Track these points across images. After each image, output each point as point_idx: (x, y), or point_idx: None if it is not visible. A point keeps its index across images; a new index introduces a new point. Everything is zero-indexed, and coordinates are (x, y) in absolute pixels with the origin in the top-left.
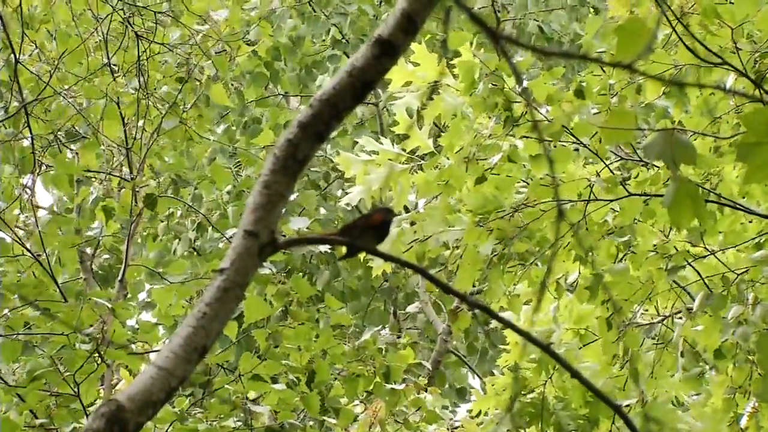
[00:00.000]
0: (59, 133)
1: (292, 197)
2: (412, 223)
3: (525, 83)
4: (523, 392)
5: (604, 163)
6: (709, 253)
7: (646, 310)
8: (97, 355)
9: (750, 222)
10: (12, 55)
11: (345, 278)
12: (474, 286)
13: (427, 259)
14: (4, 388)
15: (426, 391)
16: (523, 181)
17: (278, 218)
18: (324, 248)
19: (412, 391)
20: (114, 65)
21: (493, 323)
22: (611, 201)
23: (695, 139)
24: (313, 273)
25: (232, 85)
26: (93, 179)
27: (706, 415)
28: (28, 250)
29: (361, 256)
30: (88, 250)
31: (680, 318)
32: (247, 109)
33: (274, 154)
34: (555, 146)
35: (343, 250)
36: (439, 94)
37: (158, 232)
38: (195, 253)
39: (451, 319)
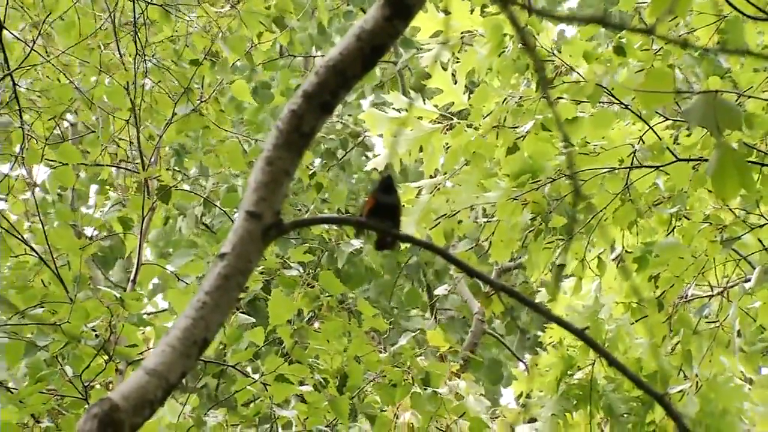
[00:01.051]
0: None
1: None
2: (438, 188)
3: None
4: (569, 372)
5: (649, 126)
6: (766, 221)
7: (700, 286)
8: (104, 353)
9: None
10: None
11: (368, 255)
12: (512, 258)
13: (456, 237)
14: (6, 396)
15: (459, 377)
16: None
17: (283, 197)
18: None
19: (452, 401)
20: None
21: (538, 295)
22: (656, 168)
23: (747, 98)
24: (333, 251)
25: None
26: (108, 186)
27: None
28: (38, 256)
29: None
30: (87, 231)
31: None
32: (255, 72)
33: (277, 127)
34: (594, 109)
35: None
36: (471, 46)
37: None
38: (205, 229)
39: (484, 304)
